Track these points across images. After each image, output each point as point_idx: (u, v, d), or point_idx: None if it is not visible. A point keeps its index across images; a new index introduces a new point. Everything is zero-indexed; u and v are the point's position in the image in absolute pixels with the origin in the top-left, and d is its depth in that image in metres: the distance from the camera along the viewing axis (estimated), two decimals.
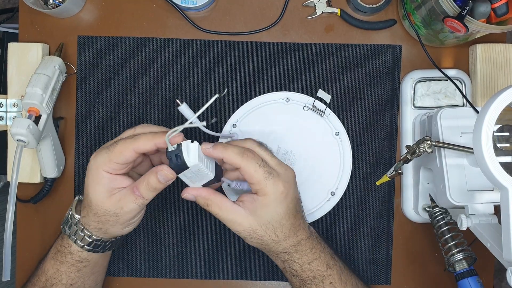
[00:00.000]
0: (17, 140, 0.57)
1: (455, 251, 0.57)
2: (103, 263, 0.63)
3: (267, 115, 0.68)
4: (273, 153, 0.59)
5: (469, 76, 0.68)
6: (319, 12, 0.68)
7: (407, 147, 0.55)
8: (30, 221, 0.70)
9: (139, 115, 0.69)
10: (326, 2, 0.68)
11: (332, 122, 0.68)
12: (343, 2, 0.69)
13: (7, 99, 0.66)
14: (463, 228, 0.53)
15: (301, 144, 0.68)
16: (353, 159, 0.68)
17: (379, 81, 0.69)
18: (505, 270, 0.46)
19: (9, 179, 0.62)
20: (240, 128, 0.68)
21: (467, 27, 0.55)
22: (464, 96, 0.66)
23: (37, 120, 0.60)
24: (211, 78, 0.69)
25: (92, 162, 0.55)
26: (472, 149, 0.51)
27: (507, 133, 0.50)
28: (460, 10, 0.54)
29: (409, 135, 0.68)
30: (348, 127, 0.69)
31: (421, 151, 0.53)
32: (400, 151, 0.69)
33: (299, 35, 0.69)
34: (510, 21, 0.58)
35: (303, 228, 0.58)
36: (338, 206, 0.69)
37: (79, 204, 0.59)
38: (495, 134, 0.48)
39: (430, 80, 0.68)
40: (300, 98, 0.68)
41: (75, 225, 0.57)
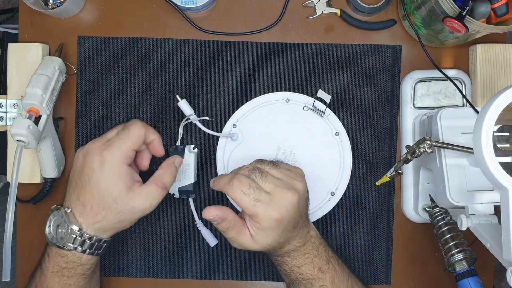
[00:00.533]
0: (17, 140, 0.57)
1: (455, 251, 0.57)
2: (98, 271, 0.64)
3: (267, 115, 0.68)
4: (278, 167, 0.60)
5: (469, 76, 0.68)
6: (319, 12, 0.68)
7: (407, 147, 0.55)
8: (30, 221, 0.70)
9: (139, 115, 0.69)
10: (326, 2, 0.68)
11: (332, 122, 0.68)
12: (343, 2, 0.69)
13: (7, 99, 0.66)
14: (463, 228, 0.53)
15: (301, 144, 0.68)
16: (353, 159, 0.68)
17: (379, 81, 0.69)
18: (505, 270, 0.46)
19: (9, 180, 0.62)
20: (240, 128, 0.68)
21: (467, 28, 0.55)
22: (464, 96, 0.66)
23: (37, 120, 0.60)
24: (211, 78, 0.69)
25: (108, 157, 0.55)
26: (472, 149, 0.51)
27: (507, 133, 0.50)
28: (460, 10, 0.54)
29: (409, 135, 0.68)
30: (348, 127, 0.69)
31: (421, 151, 0.53)
32: (400, 151, 0.69)
33: (299, 35, 0.69)
34: (510, 21, 0.58)
35: (300, 236, 0.59)
36: (338, 206, 0.69)
37: (70, 216, 0.57)
38: (495, 134, 0.48)
39: (430, 80, 0.68)
40: (300, 98, 0.68)
41: (79, 237, 0.57)
